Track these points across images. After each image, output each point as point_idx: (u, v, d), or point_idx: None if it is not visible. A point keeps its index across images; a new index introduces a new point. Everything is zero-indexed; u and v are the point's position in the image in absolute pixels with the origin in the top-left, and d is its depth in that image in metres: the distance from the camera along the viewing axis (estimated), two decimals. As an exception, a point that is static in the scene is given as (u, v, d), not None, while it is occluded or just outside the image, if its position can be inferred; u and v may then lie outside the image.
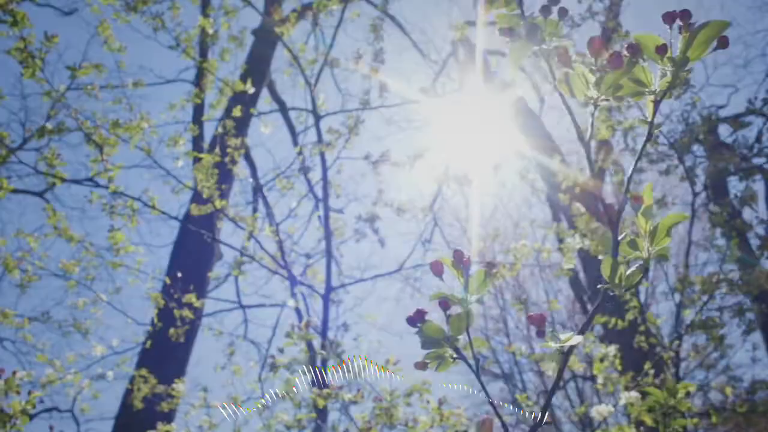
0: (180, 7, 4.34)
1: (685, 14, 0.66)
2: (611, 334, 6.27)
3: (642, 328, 4.47)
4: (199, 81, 6.28)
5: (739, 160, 3.33)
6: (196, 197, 5.67)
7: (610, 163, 4.31)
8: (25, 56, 3.15)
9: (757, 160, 3.81)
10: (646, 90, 0.69)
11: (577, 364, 4.57)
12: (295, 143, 7.42)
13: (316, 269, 6.06)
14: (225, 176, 5.97)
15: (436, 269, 0.95)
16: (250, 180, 7.85)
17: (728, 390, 3.90)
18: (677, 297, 3.64)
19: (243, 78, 8.11)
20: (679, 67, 0.67)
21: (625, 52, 0.67)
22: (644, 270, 0.82)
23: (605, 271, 0.80)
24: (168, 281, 5.68)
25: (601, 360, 3.82)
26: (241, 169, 8.16)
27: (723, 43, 0.67)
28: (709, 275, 3.21)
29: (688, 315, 3.59)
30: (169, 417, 5.56)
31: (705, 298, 3.29)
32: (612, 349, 3.69)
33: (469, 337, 0.95)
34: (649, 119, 0.70)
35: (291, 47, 4.94)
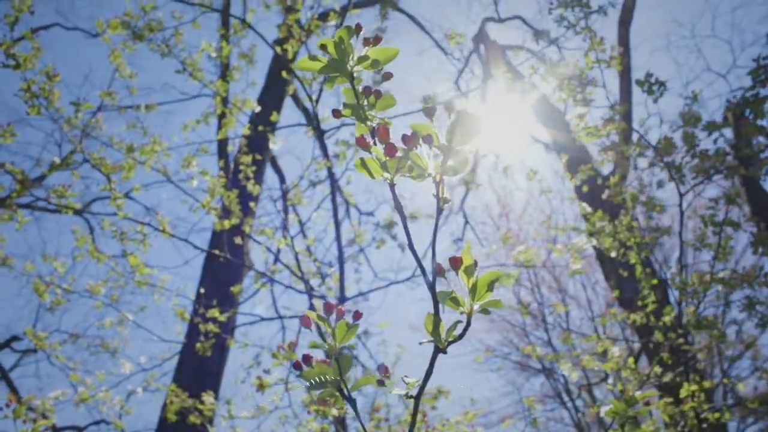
0: (183, 33, 4.48)
1: (450, 106, 0.72)
2: (641, 331, 6.22)
3: (660, 323, 4.46)
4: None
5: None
6: (223, 212, 5.84)
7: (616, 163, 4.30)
8: (30, 96, 3.31)
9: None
10: (426, 172, 0.76)
11: (592, 363, 4.59)
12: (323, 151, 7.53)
13: (339, 277, 6.16)
14: (246, 191, 6.11)
15: (305, 323, 1.02)
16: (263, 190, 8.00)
17: (741, 386, 3.88)
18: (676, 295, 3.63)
19: (263, 92, 8.26)
20: (447, 153, 0.73)
21: (401, 142, 0.74)
22: (467, 324, 0.88)
23: (427, 326, 0.87)
24: (193, 298, 5.85)
25: (609, 358, 3.84)
26: (262, 183, 8.31)
27: (484, 126, 0.73)
28: (702, 273, 3.20)
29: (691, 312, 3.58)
30: (205, 429, 5.74)
31: (701, 296, 3.28)
32: (617, 350, 3.70)
33: (343, 381, 1.03)
34: (438, 196, 0.77)
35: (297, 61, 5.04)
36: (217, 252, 4.61)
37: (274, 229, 5.19)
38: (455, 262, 0.86)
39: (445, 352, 0.90)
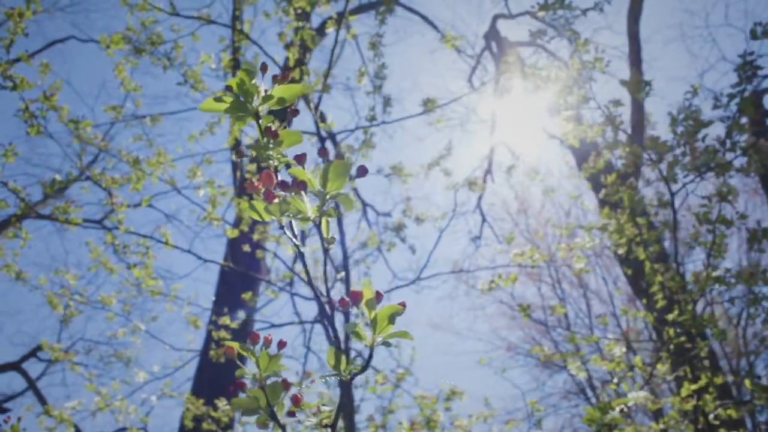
0: (183, 46, 4.53)
1: (323, 152, 0.74)
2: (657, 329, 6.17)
3: (670, 321, 4.43)
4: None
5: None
6: (237, 220, 5.90)
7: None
8: (28, 116, 3.38)
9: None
10: (306, 216, 0.78)
11: (599, 362, 4.57)
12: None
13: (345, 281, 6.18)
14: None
15: (229, 353, 1.04)
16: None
17: (748, 382, 3.82)
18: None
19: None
20: (323, 199, 0.75)
21: (279, 189, 0.76)
22: (369, 356, 0.90)
23: (330, 360, 0.89)
24: (206, 305, 5.92)
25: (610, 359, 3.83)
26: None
27: (362, 172, 0.75)
28: (699, 272, 3.18)
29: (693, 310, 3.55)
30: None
31: (698, 294, 3.25)
32: (618, 350, 3.68)
33: (272, 410, 1.05)
34: (321, 237, 0.79)
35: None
36: (222, 263, 4.66)
37: (278, 236, 5.23)
38: (356, 296, 0.88)
39: (349, 384, 0.92)
